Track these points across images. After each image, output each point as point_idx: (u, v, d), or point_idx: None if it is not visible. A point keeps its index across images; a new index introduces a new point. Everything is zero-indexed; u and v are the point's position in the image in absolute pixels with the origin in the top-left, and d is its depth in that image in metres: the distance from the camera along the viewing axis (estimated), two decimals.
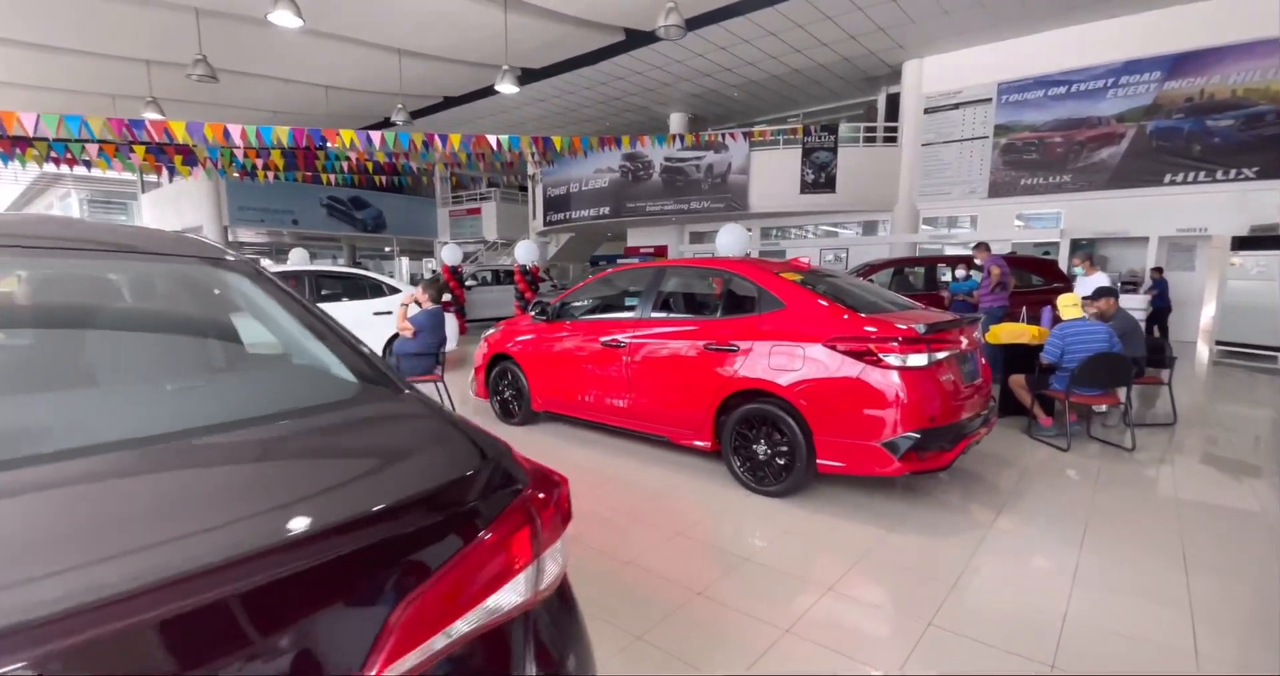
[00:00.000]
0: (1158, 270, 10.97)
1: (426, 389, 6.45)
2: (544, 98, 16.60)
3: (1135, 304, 10.51)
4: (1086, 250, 7.18)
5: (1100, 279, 6.70)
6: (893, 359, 3.23)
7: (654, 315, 4.34)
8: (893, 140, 14.28)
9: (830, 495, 3.75)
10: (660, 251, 18.62)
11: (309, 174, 14.95)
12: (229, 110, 15.91)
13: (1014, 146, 12.66)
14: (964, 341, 3.64)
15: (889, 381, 3.23)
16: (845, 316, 3.49)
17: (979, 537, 3.20)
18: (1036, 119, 12.37)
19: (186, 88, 13.97)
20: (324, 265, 14.88)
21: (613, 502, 3.69)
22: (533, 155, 15.60)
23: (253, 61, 13.05)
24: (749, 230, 17.54)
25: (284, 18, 7.91)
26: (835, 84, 15.37)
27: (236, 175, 14.42)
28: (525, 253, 12.13)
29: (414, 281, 14.57)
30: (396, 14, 10.84)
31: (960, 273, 7.99)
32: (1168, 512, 3.57)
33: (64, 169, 28.74)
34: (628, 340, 4.37)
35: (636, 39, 12.49)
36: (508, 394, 5.45)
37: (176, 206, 23.61)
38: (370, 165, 14.84)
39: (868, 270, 9.04)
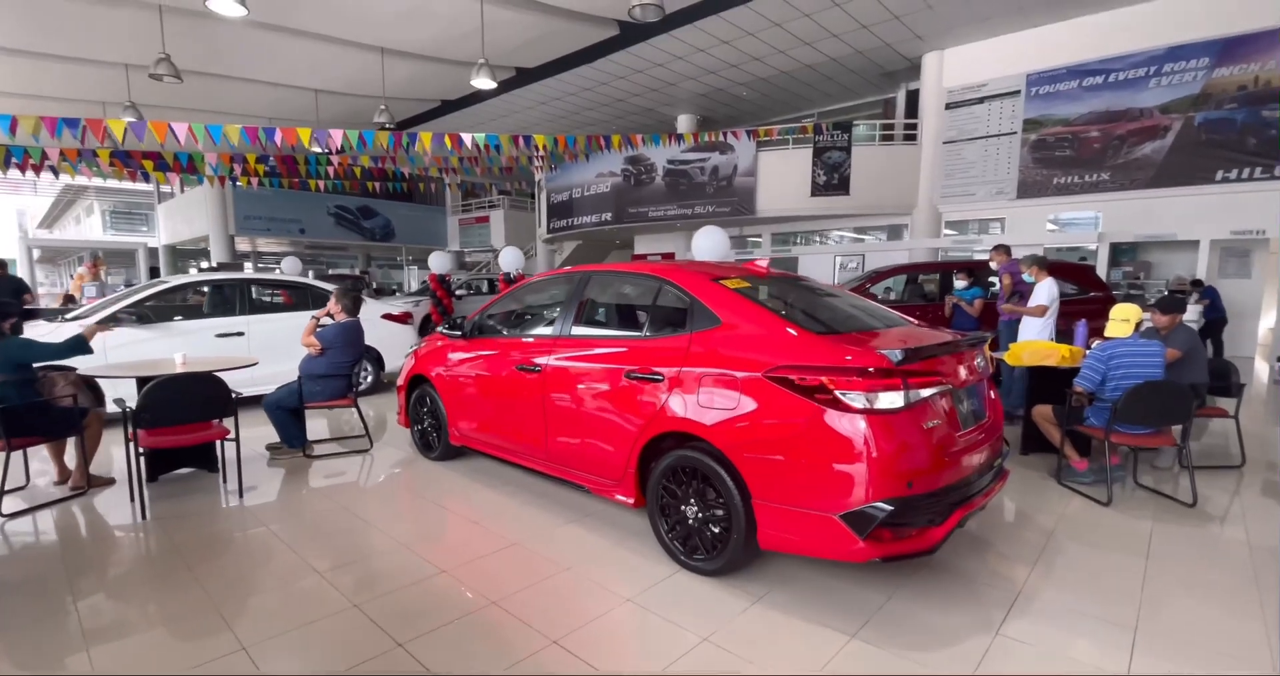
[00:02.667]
0: (1197, 282, 9.76)
1: (339, 415, 6.04)
2: (545, 100, 15.91)
3: (1187, 316, 9.33)
4: (1033, 254, 6.11)
5: (1051, 285, 5.67)
6: (854, 398, 2.31)
7: (574, 333, 3.47)
8: (912, 138, 13.24)
9: (784, 573, 2.83)
10: (667, 258, 17.75)
11: (296, 180, 14.42)
12: (218, 116, 15.50)
13: (1045, 142, 11.55)
14: (962, 371, 2.70)
15: (848, 430, 2.31)
16: (794, 335, 2.58)
17: (982, 648, 2.26)
18: (1070, 112, 11.25)
19: (174, 93, 13.60)
20: (321, 272, 14.48)
21: (496, 578, 2.82)
22: (529, 159, 14.98)
23: (238, 65, 12.57)
24: (758, 236, 16.67)
25: (225, 5, 7.25)
26: (850, 80, 14.39)
27: (218, 180, 13.86)
28: (510, 260, 11.36)
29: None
30: (367, 6, 10.18)
31: (961, 281, 7.00)
32: (1249, 603, 2.57)
33: (85, 181, 28.98)
34: (544, 364, 3.50)
35: (631, 34, 11.70)
36: (428, 423, 4.61)
37: (187, 216, 23.54)
38: (359, 171, 14.23)
39: (875, 277, 8.06)
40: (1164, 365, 3.76)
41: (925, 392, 2.42)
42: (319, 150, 11.09)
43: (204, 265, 21.99)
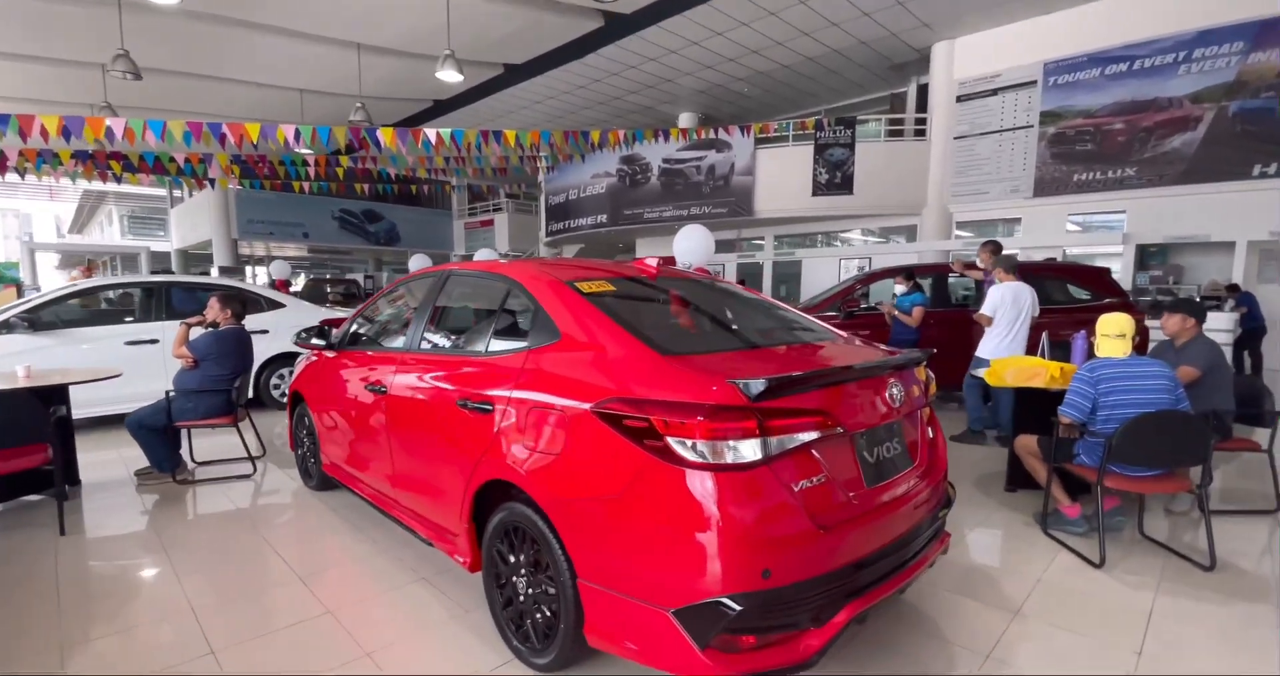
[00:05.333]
0: (1233, 287, 8.80)
1: (220, 437, 5.12)
2: (539, 99, 15.37)
3: (1220, 324, 8.42)
4: (1003, 253, 5.31)
5: (1006, 290, 4.94)
6: (687, 448, 1.61)
7: (422, 348, 2.81)
8: (921, 134, 12.40)
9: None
10: (668, 262, 17.04)
11: (278, 182, 14.08)
12: (203, 117, 15.24)
13: (1064, 136, 10.63)
14: (876, 404, 1.99)
15: (680, 491, 1.62)
16: (636, 355, 1.89)
17: None
18: (1091, 103, 10.33)
19: (154, 94, 13.40)
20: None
21: (265, 667, 2.17)
22: (520, 159, 14.44)
23: (216, 64, 12.23)
24: (760, 239, 15.90)
25: None
26: (857, 74, 13.60)
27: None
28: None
29: None
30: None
31: (900, 287, 6.19)
32: None
33: (108, 186, 29.36)
34: (389, 384, 2.86)
35: (616, 25, 11.09)
36: (307, 446, 4.00)
37: (194, 220, 23.51)
38: (341, 172, 13.83)
39: (865, 280, 7.29)
40: (1171, 389, 2.98)
41: (801, 438, 1.71)
42: (284, 149, 10.63)
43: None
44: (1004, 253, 5.49)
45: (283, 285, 15.05)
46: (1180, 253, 10.25)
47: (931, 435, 2.31)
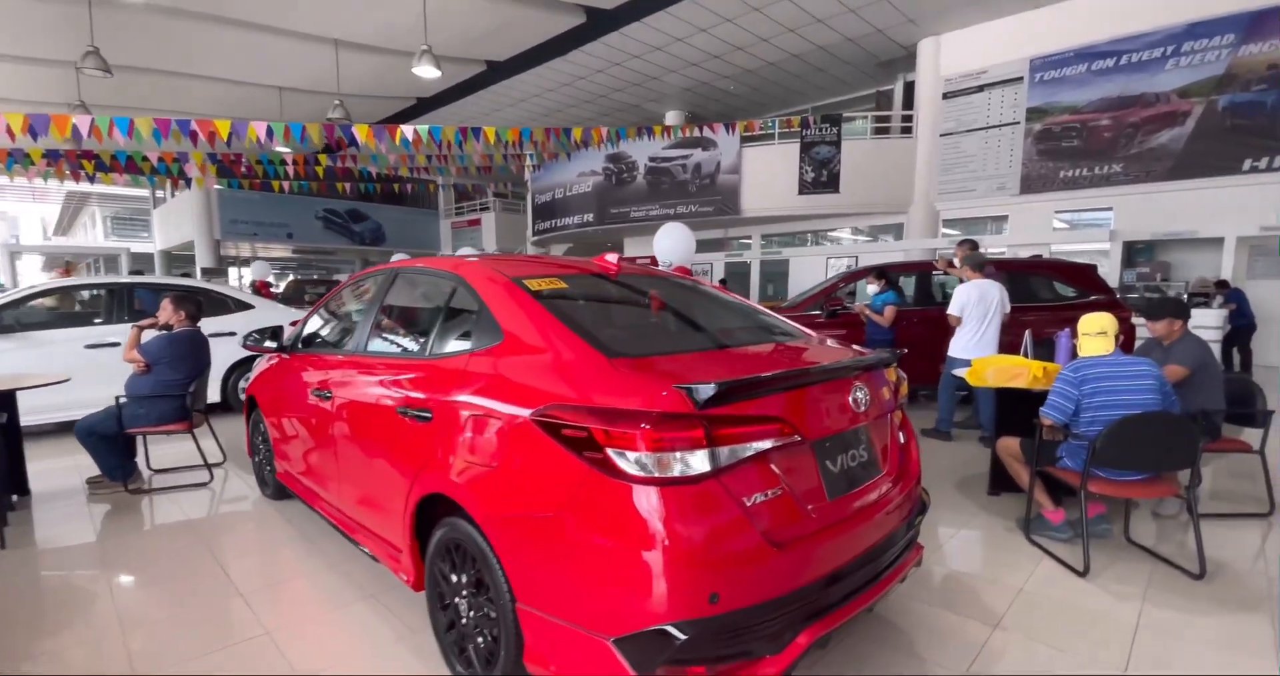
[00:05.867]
0: (1222, 284, 8.74)
1: (180, 443, 4.68)
2: (525, 97, 15.20)
3: (1209, 320, 8.35)
4: (972, 251, 5.30)
5: (970, 289, 4.94)
6: (628, 461, 1.46)
7: (369, 350, 2.65)
8: (907, 131, 12.31)
9: None
10: (654, 261, 16.91)
11: (257, 181, 13.89)
12: (180, 116, 15.00)
13: (1051, 132, 10.56)
14: (841, 409, 1.84)
15: (621, 507, 1.47)
16: (581, 358, 1.74)
17: None
18: (1078, 99, 10.26)
19: (131, 93, 13.16)
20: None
21: None
22: (505, 157, 14.27)
23: (193, 61, 11.99)
24: (748, 239, 15.78)
25: None
26: (844, 71, 13.50)
27: (171, 181, 13.35)
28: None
29: None
30: None
31: (872, 286, 6.07)
32: None
33: (91, 187, 28.93)
34: (335, 390, 2.70)
35: (600, 22, 10.93)
36: (264, 453, 3.83)
37: (177, 221, 23.21)
38: (320, 170, 13.62)
39: (847, 278, 7.16)
40: (1159, 388, 2.86)
41: (754, 448, 1.57)
42: (260, 148, 10.44)
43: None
44: (973, 251, 5.38)
45: (264, 286, 14.81)
46: (1168, 249, 10.18)
47: (904, 440, 2.17)
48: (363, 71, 12.60)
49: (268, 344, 3.34)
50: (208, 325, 5.83)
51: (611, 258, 2.50)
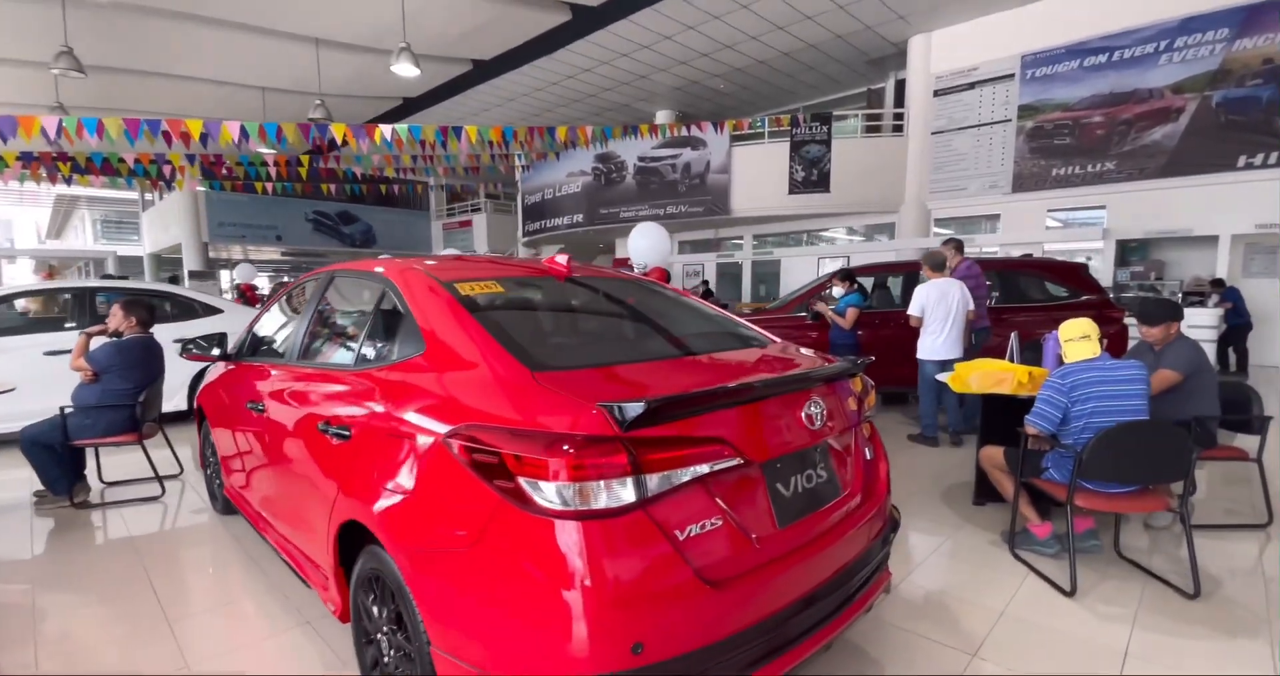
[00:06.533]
0: (1217, 282, 8.59)
1: (133, 455, 4.19)
2: (513, 97, 15.04)
3: (1204, 320, 8.19)
4: (930, 251, 5.27)
5: (930, 289, 4.90)
6: (542, 492, 1.29)
7: (300, 360, 2.48)
8: (899, 130, 12.15)
9: None
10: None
11: (239, 182, 13.70)
12: (159, 117, 14.81)
13: (1042, 130, 10.41)
14: (795, 426, 1.66)
15: (535, 543, 1.30)
16: (502, 371, 1.56)
17: None
18: (1070, 96, 10.12)
19: (111, 93, 12.97)
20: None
21: None
22: (492, 157, 14.09)
23: (173, 61, 11.80)
24: (740, 239, 15.61)
25: None
26: (835, 70, 13.35)
27: (150, 183, 13.14)
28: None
29: None
30: None
31: (837, 289, 5.94)
32: None
33: (80, 191, 28.65)
34: (266, 402, 2.52)
35: (584, 19, 10.76)
36: (214, 465, 3.64)
37: (164, 223, 23.00)
38: (303, 171, 13.42)
39: (832, 279, 6.98)
40: (1147, 394, 2.69)
41: (691, 473, 1.39)
42: (239, 149, 10.25)
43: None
44: (932, 250, 5.26)
45: (249, 289, 14.63)
46: (1162, 248, 10.04)
47: (870, 455, 2.00)
48: (346, 71, 12.43)
49: (213, 352, 3.15)
50: (174, 331, 5.70)
51: (561, 259, 2.33)
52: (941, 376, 4.01)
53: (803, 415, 1.64)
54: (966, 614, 2.50)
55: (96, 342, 4.01)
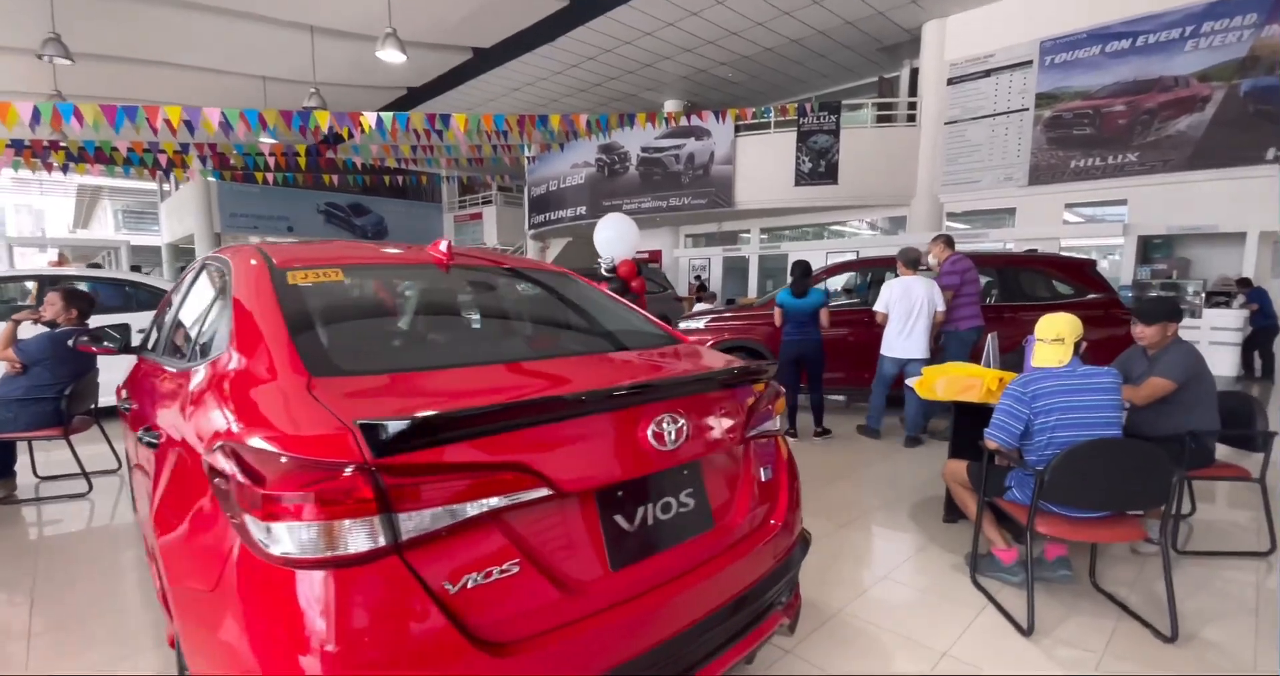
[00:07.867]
0: (1244, 282, 8.09)
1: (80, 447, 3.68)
2: (518, 86, 14.79)
3: (1228, 322, 7.73)
4: (904, 248, 5.03)
5: (897, 285, 4.83)
6: (262, 530, 1.03)
7: (158, 355, 2.26)
8: (911, 119, 11.68)
9: None
10: (654, 257, 16.47)
11: (239, 172, 13.65)
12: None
13: (1061, 120, 9.90)
14: (640, 447, 1.37)
15: (260, 596, 1.04)
16: (274, 377, 1.30)
17: None
18: (1091, 83, 9.59)
19: (112, 83, 12.97)
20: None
21: None
22: (494, 147, 13.89)
23: (171, 50, 11.73)
24: (746, 231, 15.24)
25: None
26: (846, 57, 12.89)
27: (148, 172, 13.15)
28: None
29: None
30: None
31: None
32: None
33: (103, 181, 29.05)
34: (134, 398, 2.30)
35: (585, 5, 10.46)
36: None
37: (179, 214, 23.26)
38: (303, 162, 13.35)
39: (827, 272, 6.66)
40: (1120, 407, 2.36)
41: (483, 505, 1.12)
42: (234, 138, 10.13)
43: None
44: (908, 247, 5.00)
45: None
46: (1186, 244, 9.49)
47: (768, 475, 1.70)
48: (344, 59, 12.26)
49: (105, 344, 2.93)
50: (137, 321, 5.55)
51: (443, 246, 2.06)
52: (910, 381, 3.69)
53: (649, 433, 1.36)
54: (903, 654, 2.20)
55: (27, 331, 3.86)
